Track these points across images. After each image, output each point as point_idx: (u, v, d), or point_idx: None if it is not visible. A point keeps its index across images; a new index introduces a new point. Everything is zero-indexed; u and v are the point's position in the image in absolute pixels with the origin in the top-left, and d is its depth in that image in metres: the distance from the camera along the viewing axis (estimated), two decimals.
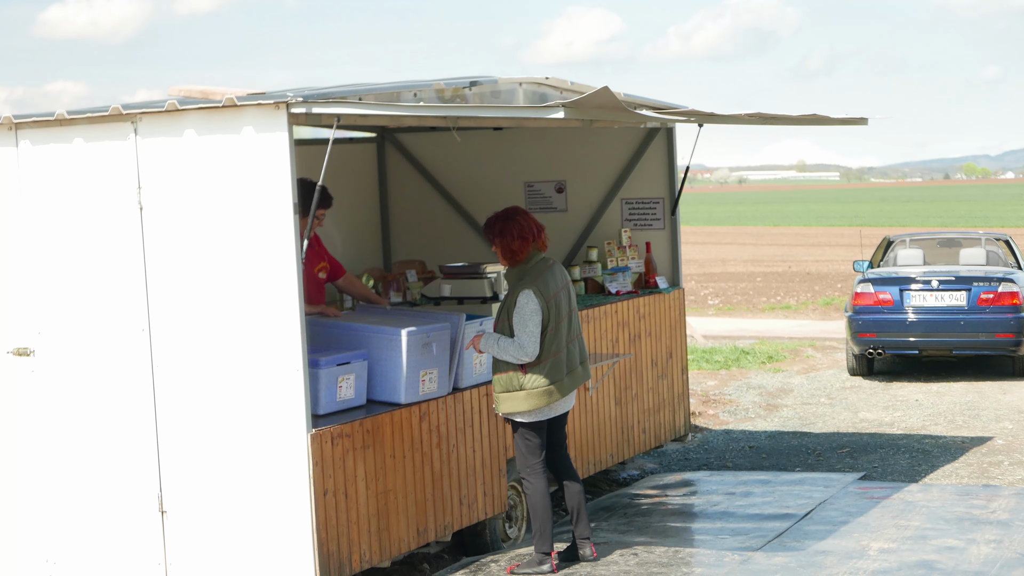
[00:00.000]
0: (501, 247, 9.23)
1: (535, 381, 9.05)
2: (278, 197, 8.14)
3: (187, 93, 9.27)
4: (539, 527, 9.27)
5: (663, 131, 13.08)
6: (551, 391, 9.08)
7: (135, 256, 8.57)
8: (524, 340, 8.98)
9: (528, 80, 10.64)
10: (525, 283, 9.09)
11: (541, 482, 9.24)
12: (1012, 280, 18.55)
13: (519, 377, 9.05)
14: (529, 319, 9.00)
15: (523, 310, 9.02)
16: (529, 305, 9.01)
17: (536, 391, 9.05)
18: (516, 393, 9.07)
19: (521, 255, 9.20)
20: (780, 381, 19.12)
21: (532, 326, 8.99)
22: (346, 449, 8.58)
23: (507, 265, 9.27)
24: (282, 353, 8.21)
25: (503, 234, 9.20)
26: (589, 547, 9.50)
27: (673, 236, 13.19)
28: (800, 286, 35.30)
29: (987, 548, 9.92)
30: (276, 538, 8.35)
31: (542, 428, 9.27)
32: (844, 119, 11.56)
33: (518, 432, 9.25)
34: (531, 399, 9.06)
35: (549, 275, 9.18)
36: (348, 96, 8.46)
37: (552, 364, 9.08)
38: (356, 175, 13.58)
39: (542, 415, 9.19)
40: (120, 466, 8.75)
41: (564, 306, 9.20)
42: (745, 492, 11.99)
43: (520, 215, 9.29)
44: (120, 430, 8.73)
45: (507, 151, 13.59)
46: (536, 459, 9.24)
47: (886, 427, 15.46)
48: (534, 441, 9.23)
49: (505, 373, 9.09)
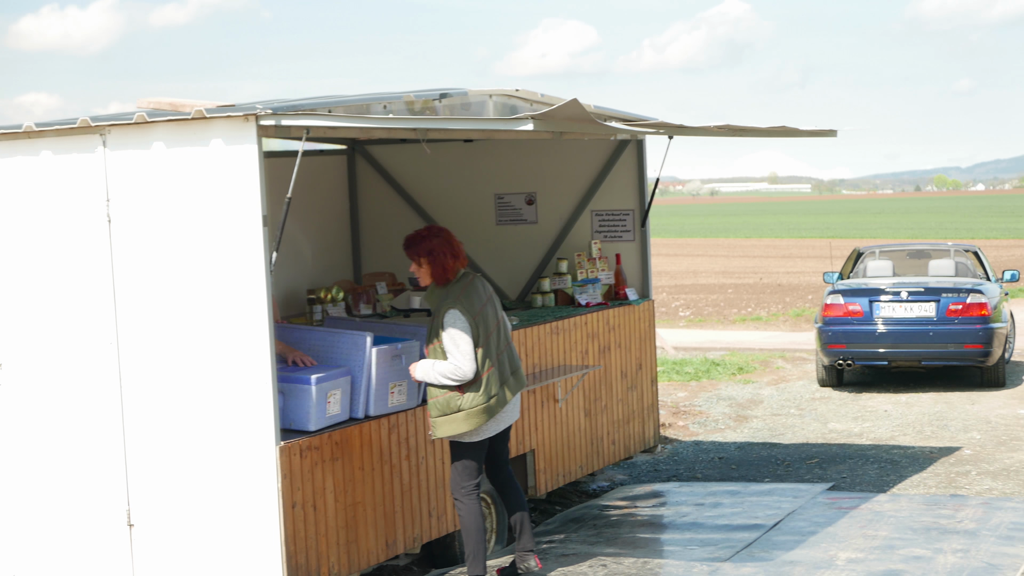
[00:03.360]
0: (432, 265, 9.05)
1: (473, 400, 8.91)
2: (247, 210, 8.14)
3: (156, 105, 9.27)
4: (472, 550, 9.14)
5: (633, 143, 13.12)
6: (490, 408, 8.96)
7: (103, 269, 8.56)
8: (460, 360, 8.84)
9: (498, 92, 10.66)
10: (449, 302, 8.95)
11: (475, 504, 9.12)
12: (980, 291, 18.64)
13: (456, 399, 8.91)
14: (460, 338, 8.86)
15: (452, 329, 8.88)
16: (458, 323, 8.88)
17: (475, 410, 8.91)
18: (455, 416, 8.92)
19: (452, 273, 9.07)
20: (750, 392, 19.17)
21: (464, 344, 8.86)
22: (315, 461, 8.58)
23: (435, 284, 9.10)
24: (251, 365, 8.20)
25: (434, 253, 9.04)
26: (533, 559, 9.39)
27: (643, 248, 13.22)
28: (771, 298, 35.40)
29: (954, 558, 9.97)
30: (245, 551, 8.34)
31: (483, 448, 9.17)
32: (814, 131, 11.60)
33: (457, 453, 9.12)
34: (471, 419, 8.92)
35: (472, 290, 9.05)
36: (318, 108, 8.47)
37: (487, 380, 8.96)
38: (326, 187, 13.58)
39: (486, 433, 9.10)
40: (88, 480, 8.73)
41: (491, 319, 9.07)
42: (714, 503, 12.02)
43: (446, 232, 9.17)
44: (88, 443, 8.71)
45: (477, 163, 13.61)
46: (471, 481, 9.12)
47: (855, 438, 15.52)
48: (472, 463, 9.12)
49: (442, 396, 8.94)
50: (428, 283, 9.14)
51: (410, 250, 9.14)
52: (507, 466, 9.50)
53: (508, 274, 13.58)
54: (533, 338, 11.29)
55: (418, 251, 9.09)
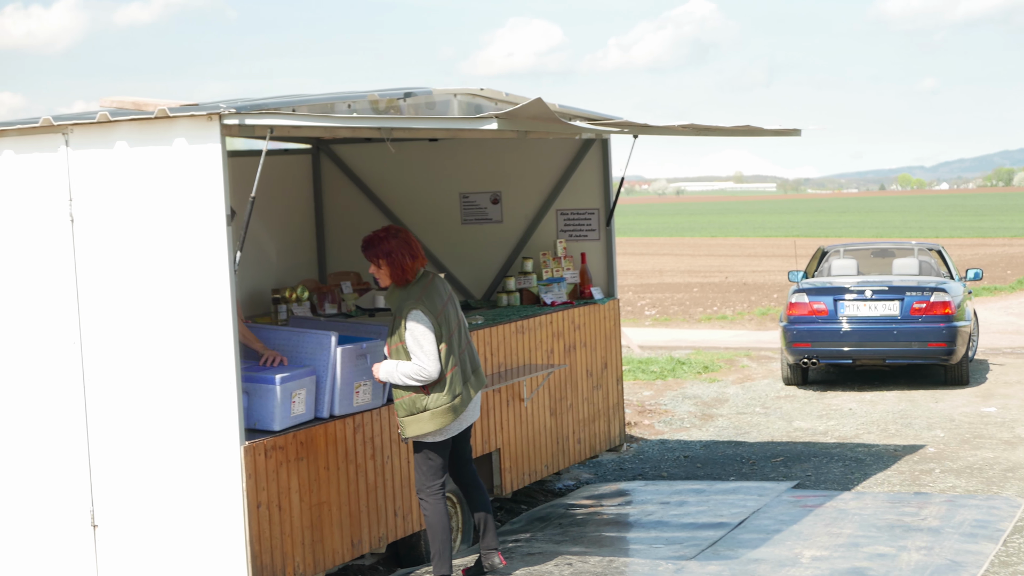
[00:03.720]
0: (391, 267, 9.03)
1: (438, 400, 8.93)
2: (211, 209, 8.11)
3: (119, 104, 9.23)
4: (437, 549, 9.15)
5: (598, 142, 13.13)
6: (455, 406, 8.98)
7: (66, 268, 8.52)
8: (424, 360, 8.85)
9: (463, 91, 10.65)
10: (411, 303, 8.94)
11: (441, 504, 9.14)
12: (944, 290, 18.72)
13: (422, 399, 8.93)
14: (424, 338, 8.87)
15: (415, 330, 8.88)
16: (421, 324, 8.88)
17: (440, 409, 8.93)
18: (421, 415, 8.93)
19: (411, 273, 9.06)
20: (715, 391, 19.21)
21: (428, 345, 8.87)
22: (280, 461, 8.56)
23: (395, 285, 9.08)
24: (215, 365, 8.18)
25: (392, 254, 9.02)
26: (497, 556, 9.40)
27: (608, 247, 13.24)
28: (736, 296, 35.48)
29: (918, 555, 10.02)
30: (210, 551, 8.31)
31: (447, 447, 9.18)
32: (779, 130, 11.62)
33: (421, 453, 9.12)
34: (436, 419, 8.94)
35: (432, 290, 9.05)
36: (281, 107, 8.45)
37: (451, 379, 8.97)
38: (291, 186, 13.54)
39: (450, 432, 9.12)
40: (51, 480, 8.68)
41: (453, 318, 9.08)
42: (680, 501, 12.04)
43: (404, 232, 9.15)
44: (51, 444, 8.66)
45: (442, 162, 13.59)
46: (436, 480, 9.13)
47: (820, 436, 15.56)
48: (437, 462, 9.13)
49: (407, 396, 8.96)
50: (388, 284, 9.12)
51: (368, 251, 9.12)
52: (470, 464, 9.51)
53: (473, 273, 13.57)
54: (498, 337, 11.29)
55: (376, 252, 9.07)
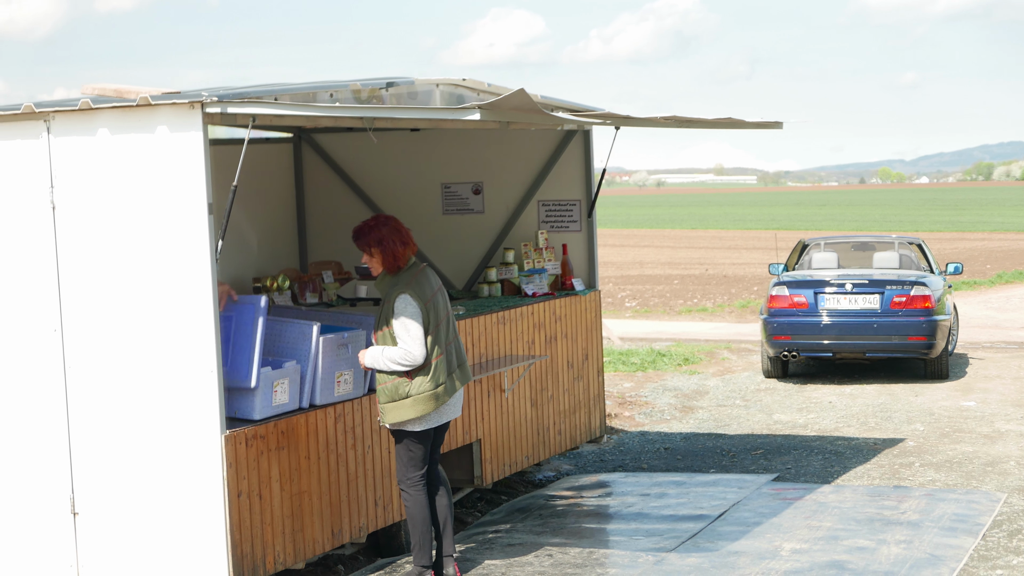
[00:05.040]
0: (383, 254, 9.02)
1: (421, 386, 8.88)
2: (192, 197, 8.10)
3: (101, 92, 9.19)
4: (418, 540, 9.10)
5: (580, 134, 13.13)
6: (438, 394, 8.93)
7: (47, 256, 8.49)
8: (410, 345, 8.83)
9: (445, 81, 10.64)
10: (400, 288, 8.92)
11: (421, 495, 9.10)
12: (924, 284, 18.77)
13: (405, 384, 8.89)
14: (410, 323, 8.84)
15: (403, 314, 8.85)
16: (409, 309, 8.86)
17: (423, 396, 8.88)
18: (402, 402, 8.89)
19: (403, 260, 9.04)
20: (696, 383, 19.23)
21: (415, 329, 8.84)
22: (260, 451, 8.55)
23: (387, 272, 9.07)
24: (196, 353, 8.17)
25: (384, 242, 9.01)
26: (453, 566, 9.31)
27: (589, 238, 13.24)
28: (716, 289, 35.53)
29: (897, 548, 10.04)
30: (190, 540, 8.30)
31: (428, 437, 9.12)
32: (759, 123, 11.63)
33: (403, 443, 9.08)
34: (418, 405, 8.89)
35: (423, 278, 9.03)
36: (264, 96, 8.43)
37: (436, 366, 8.93)
38: (272, 175, 13.52)
39: (431, 422, 9.05)
40: (31, 467, 8.66)
41: (441, 308, 9.05)
42: (660, 493, 12.06)
43: (394, 220, 9.14)
44: (31, 431, 8.64)
45: (424, 152, 13.58)
46: (417, 471, 9.09)
47: (800, 429, 15.59)
48: (418, 452, 9.07)
49: (390, 382, 8.92)
50: (380, 272, 9.10)
51: (359, 240, 9.10)
52: (436, 465, 9.41)
53: (455, 263, 13.56)
54: (479, 328, 11.28)
55: (368, 241, 9.05)
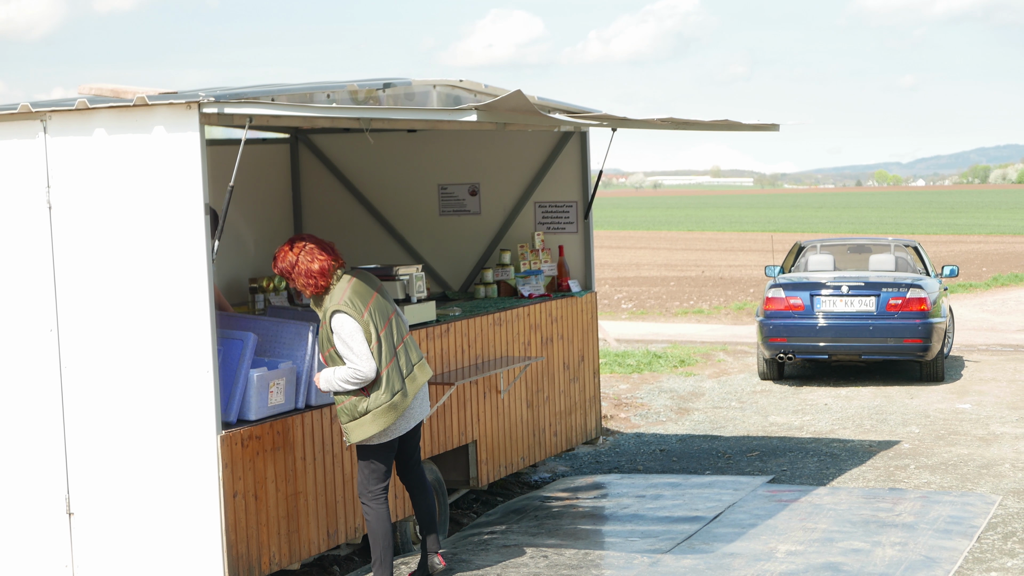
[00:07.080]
0: (300, 278, 8.70)
1: (378, 399, 8.68)
2: (189, 197, 8.10)
3: (98, 92, 9.19)
4: (379, 555, 8.94)
5: (577, 135, 13.14)
6: (395, 403, 8.72)
7: (43, 255, 8.49)
8: (357, 362, 8.60)
9: (442, 82, 10.64)
10: (332, 307, 8.66)
11: (383, 509, 8.93)
12: (920, 286, 18.77)
13: (362, 401, 8.68)
14: (352, 340, 8.61)
15: (341, 333, 8.62)
16: (346, 327, 8.62)
17: (381, 409, 8.68)
18: (363, 419, 8.69)
19: (324, 279, 8.71)
20: (692, 385, 19.24)
21: (357, 346, 8.60)
22: (256, 451, 8.55)
23: (314, 294, 8.75)
24: (192, 354, 8.17)
25: (296, 265, 8.70)
26: (437, 557, 9.24)
27: (586, 240, 13.24)
28: (713, 291, 35.53)
29: (892, 550, 10.05)
30: (185, 540, 8.30)
31: (392, 449, 8.95)
32: (756, 125, 11.63)
33: (365, 457, 8.92)
34: (378, 419, 8.69)
35: (354, 290, 8.74)
36: (260, 96, 8.43)
37: (388, 376, 8.71)
38: (269, 176, 13.52)
39: (396, 432, 8.88)
40: (26, 468, 8.66)
41: (385, 311, 8.82)
42: (655, 495, 12.06)
43: (306, 238, 8.79)
44: (26, 431, 8.64)
45: (421, 153, 13.58)
46: (379, 485, 8.91)
47: (795, 431, 15.60)
48: (381, 466, 8.90)
49: (347, 401, 8.72)
50: (310, 295, 8.79)
51: (278, 271, 8.83)
52: (419, 467, 9.31)
53: (451, 265, 13.57)
54: (475, 329, 11.29)
55: (281, 271, 8.78)
